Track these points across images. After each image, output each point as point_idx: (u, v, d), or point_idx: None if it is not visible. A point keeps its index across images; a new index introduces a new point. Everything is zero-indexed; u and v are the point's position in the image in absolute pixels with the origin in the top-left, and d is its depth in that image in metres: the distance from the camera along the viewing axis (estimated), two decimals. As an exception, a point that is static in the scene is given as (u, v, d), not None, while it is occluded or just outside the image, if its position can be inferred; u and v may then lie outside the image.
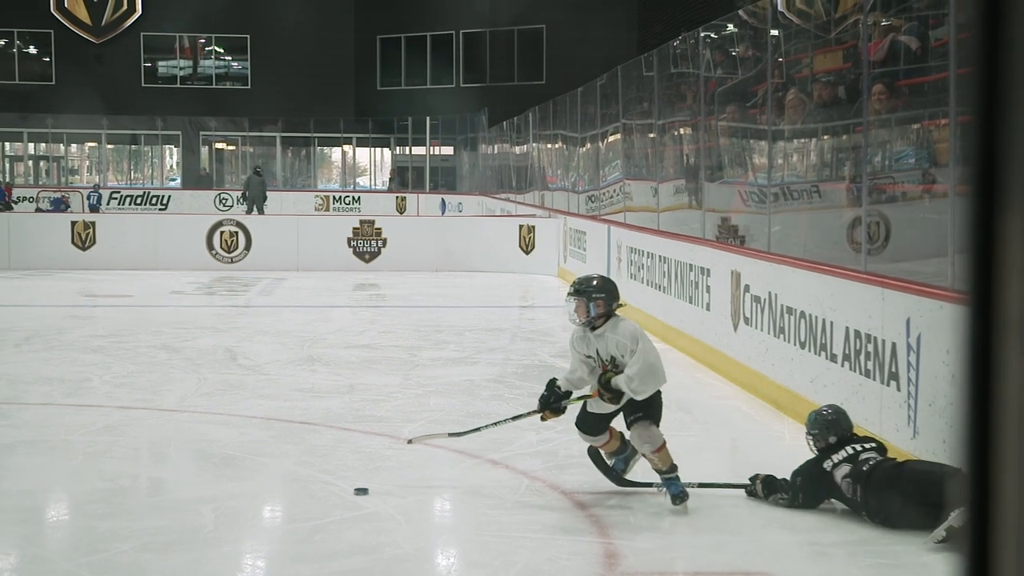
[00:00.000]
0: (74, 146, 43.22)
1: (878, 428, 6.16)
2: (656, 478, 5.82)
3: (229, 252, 18.94)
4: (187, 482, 6.18)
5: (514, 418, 6.05)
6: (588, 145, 18.01)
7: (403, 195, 37.11)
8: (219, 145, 43.62)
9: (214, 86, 41.89)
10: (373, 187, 42.82)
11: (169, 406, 8.14)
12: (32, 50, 41.04)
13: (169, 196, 37.18)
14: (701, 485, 5.86)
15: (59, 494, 5.95)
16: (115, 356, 10.21)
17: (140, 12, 40.42)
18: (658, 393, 5.64)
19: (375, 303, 15.37)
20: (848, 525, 5.28)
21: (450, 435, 6.15)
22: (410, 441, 6.22)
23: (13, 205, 28.50)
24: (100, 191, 31.03)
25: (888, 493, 5.11)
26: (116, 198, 35.50)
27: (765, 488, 5.66)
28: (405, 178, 41.15)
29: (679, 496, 5.48)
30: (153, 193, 37.17)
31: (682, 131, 12.58)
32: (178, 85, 41.70)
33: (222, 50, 42.43)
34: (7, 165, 42.46)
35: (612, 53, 26.09)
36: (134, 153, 44.67)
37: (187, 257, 18.64)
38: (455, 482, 6.22)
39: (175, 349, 10.65)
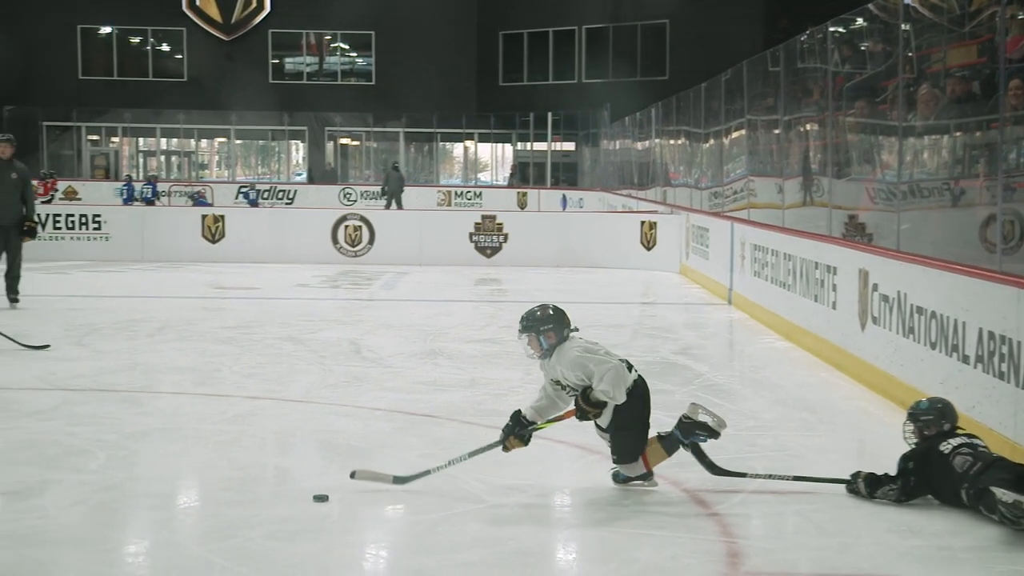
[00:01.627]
0: (204, 141, 44.21)
1: (1012, 432, 6.01)
2: (750, 468, 5.96)
3: (353, 246, 19.22)
4: (313, 472, 6.28)
5: (471, 454, 5.77)
6: (711, 141, 17.84)
7: (524, 190, 37.20)
8: (344, 141, 44.22)
9: (339, 82, 42.50)
10: (494, 182, 43.01)
11: (295, 397, 8.28)
12: (165, 48, 42.10)
13: (295, 191, 37.80)
14: (796, 478, 5.83)
15: (190, 481, 6.09)
16: (244, 347, 10.42)
17: (269, 9, 41.20)
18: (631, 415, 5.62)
19: (496, 298, 15.43)
20: (981, 530, 5.16)
21: (395, 479, 5.67)
22: (353, 475, 5.70)
23: (158, 199, 29.12)
24: (156, 184, 31.46)
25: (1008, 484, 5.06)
26: (244, 192, 36.18)
27: (869, 485, 5.60)
28: (526, 174, 41.26)
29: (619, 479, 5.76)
30: (280, 188, 37.83)
31: (808, 127, 12.39)
32: (304, 81, 42.40)
33: (347, 47, 43.02)
34: (141, 160, 43.60)
35: (737, 48, 25.84)
36: (262, 148, 45.52)
37: (312, 251, 18.95)
38: (577, 477, 6.23)
39: (301, 341, 10.83)
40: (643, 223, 18.87)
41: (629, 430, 5.64)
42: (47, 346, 9.68)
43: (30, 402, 7.85)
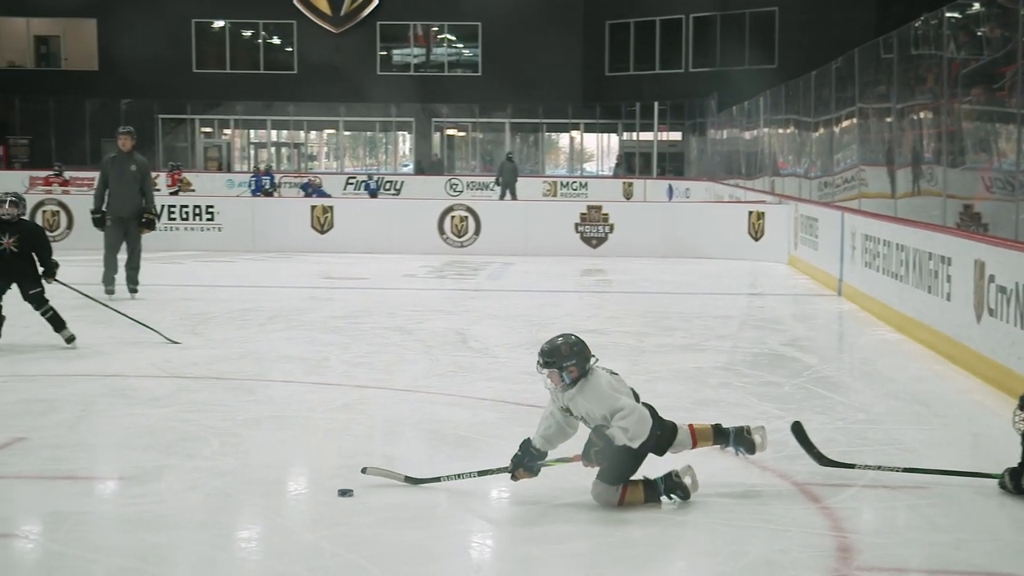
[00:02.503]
0: (313, 133, 44.80)
1: None
2: (858, 460, 5.89)
3: (459, 236, 19.32)
4: (421, 461, 6.31)
5: (480, 473, 5.60)
6: (821, 130, 17.57)
7: (630, 181, 37.04)
8: (450, 131, 44.47)
9: (446, 73, 42.73)
10: (600, 173, 42.90)
11: (403, 386, 8.35)
12: (276, 41, 42.73)
13: (402, 182, 38.10)
14: (905, 470, 5.74)
15: (301, 468, 6.18)
16: (352, 337, 10.54)
17: (377, 2, 41.58)
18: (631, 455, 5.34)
19: (602, 288, 15.39)
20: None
21: (406, 479, 5.64)
22: (364, 470, 5.66)
23: (275, 191, 29.49)
24: (273, 175, 31.69)
25: None
26: (352, 183, 36.60)
27: (1012, 478, 5.46)
28: (632, 164, 41.09)
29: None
30: (387, 179, 38.15)
31: (922, 115, 12.14)
32: (411, 73, 42.69)
33: (454, 38, 43.22)
34: (252, 152, 44.33)
35: (848, 35, 25.40)
36: (369, 140, 45.98)
37: (419, 241, 19.09)
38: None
39: (408, 331, 10.91)
40: (751, 213, 18.67)
41: (628, 453, 5.33)
42: (179, 342, 9.76)
43: (147, 389, 8.03)
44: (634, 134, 41.66)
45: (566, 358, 5.30)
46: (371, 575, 4.57)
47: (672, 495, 5.43)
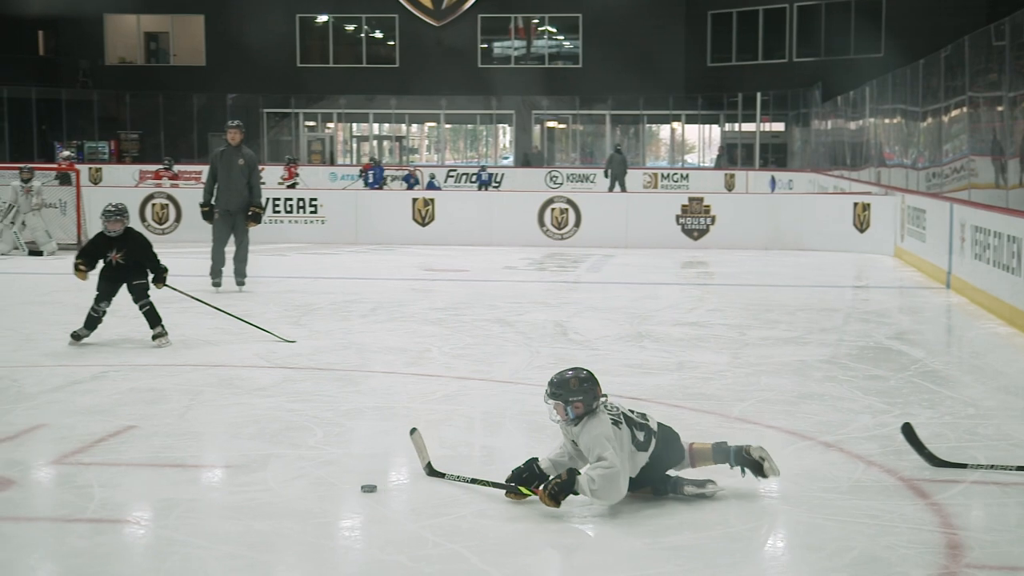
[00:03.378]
0: (415, 126, 45.11)
1: None
2: (971, 458, 5.79)
3: (559, 229, 19.32)
4: (520, 452, 6.31)
5: (483, 483, 5.46)
6: (930, 119, 17.23)
7: (732, 172, 36.70)
8: (550, 124, 44.46)
9: (546, 65, 42.71)
10: (701, 164, 42.57)
11: (503, 378, 8.38)
12: (378, 34, 43.10)
13: (503, 174, 38.20)
14: (1021, 468, 5.61)
15: (403, 459, 6.22)
16: (452, 328, 10.60)
17: (478, -6, 41.74)
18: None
19: (703, 281, 15.28)
20: None
21: (426, 467, 5.66)
22: (413, 431, 5.83)
23: (385, 184, 29.68)
24: (382, 168, 31.71)
25: None
26: (453, 176, 36.79)
27: None
28: (734, 155, 40.71)
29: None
30: (475, 171, 38.29)
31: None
32: (512, 65, 42.76)
33: (555, 30, 43.19)
34: (354, 145, 44.79)
35: (957, 23, 24.88)
36: (470, 132, 46.16)
37: (519, 233, 19.14)
38: (787, 462, 6.10)
39: (508, 323, 10.94)
40: (856, 204, 18.39)
41: (615, 481, 5.16)
42: (294, 341, 9.61)
43: (253, 379, 8.17)
44: (736, 125, 41.26)
45: (573, 392, 5.21)
46: (472, 565, 4.60)
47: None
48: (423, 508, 5.25)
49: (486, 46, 42.81)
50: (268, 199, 19.38)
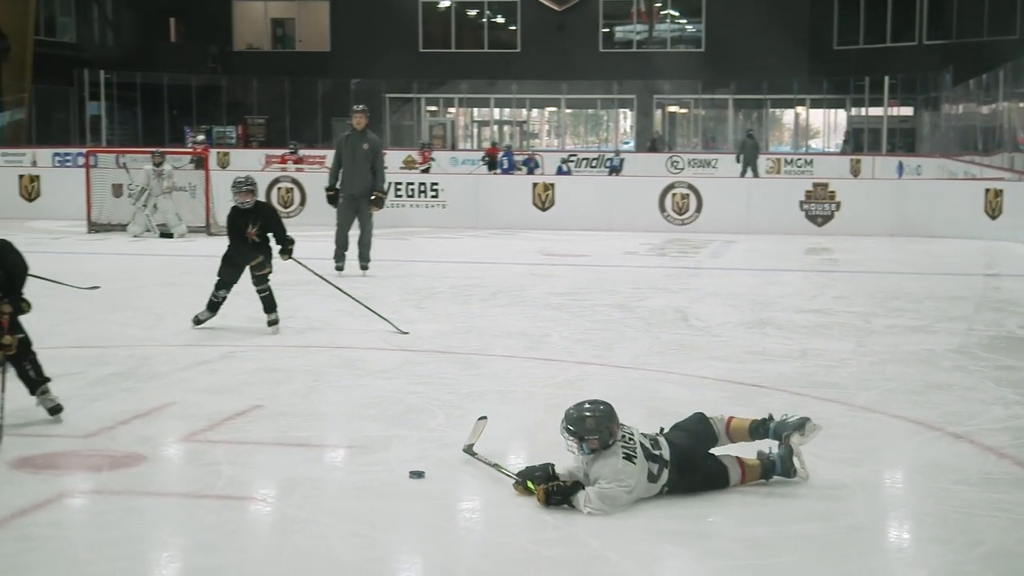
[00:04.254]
0: (535, 111, 45.11)
1: None
2: None
3: (680, 214, 19.18)
4: (641, 438, 6.31)
5: (502, 470, 5.39)
6: (1066, 103, 16.69)
7: (858, 157, 35.99)
8: (672, 108, 44.11)
9: (668, 49, 42.35)
10: (826, 150, 41.84)
11: (623, 363, 8.35)
12: (500, 19, 43.17)
13: (623, 159, 38.01)
14: None
15: (523, 442, 6.25)
16: (573, 313, 10.59)
17: (600, -21, 41.54)
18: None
19: (828, 267, 15.01)
20: None
21: (468, 446, 5.71)
22: (483, 418, 5.90)
23: (537, 168, 29.78)
24: (513, 153, 31.65)
25: None
26: (573, 160, 36.72)
27: None
28: (860, 140, 39.91)
29: None
30: (608, 156, 38.14)
31: None
32: (634, 49, 42.50)
33: (677, 13, 42.80)
34: (475, 130, 44.98)
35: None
36: (590, 117, 46.03)
37: (639, 219, 19.03)
38: (913, 453, 6.00)
39: (629, 308, 10.90)
40: (988, 191, 17.90)
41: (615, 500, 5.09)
42: (407, 332, 9.41)
43: (375, 362, 8.27)
44: (863, 109, 40.44)
45: (589, 432, 5.14)
46: (591, 549, 4.60)
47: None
48: (543, 492, 5.25)
49: (608, 30, 42.60)
50: (391, 183, 19.56)
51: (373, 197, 13.08)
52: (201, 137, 36.06)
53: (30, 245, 15.42)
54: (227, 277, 9.44)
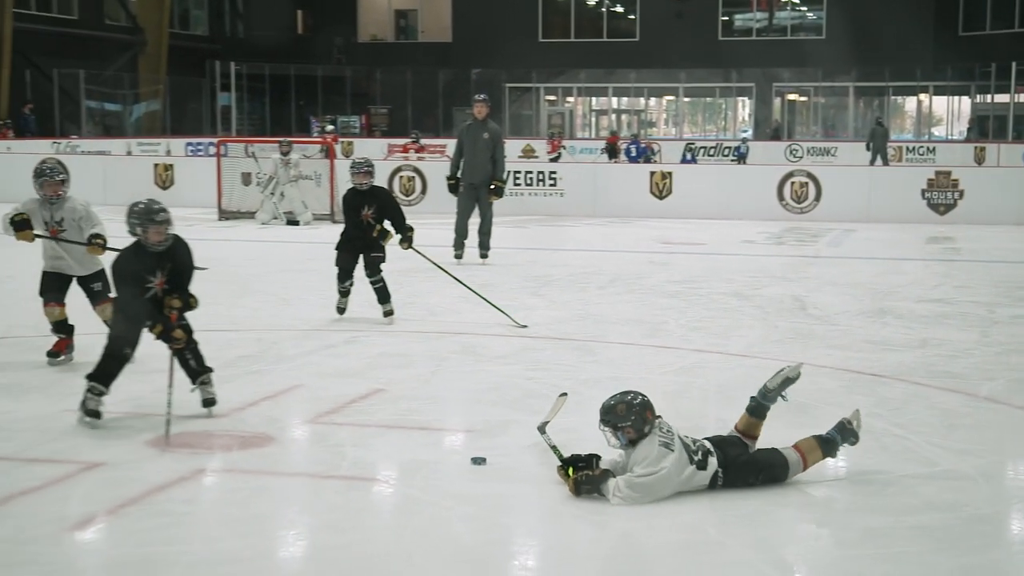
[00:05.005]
0: (653, 100, 44.79)
1: None
2: None
3: (799, 203, 18.91)
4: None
5: (556, 453, 5.24)
6: None
7: (982, 145, 35.01)
8: (791, 96, 43.43)
9: (788, 37, 41.69)
10: (949, 137, 40.81)
11: (739, 351, 8.27)
12: (619, 9, 42.94)
13: (748, 147, 37.57)
14: None
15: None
16: (689, 301, 10.52)
17: (720, -34, 41.03)
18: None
19: (949, 256, 14.66)
20: None
21: (543, 424, 5.45)
22: (563, 395, 5.66)
23: (653, 156, 29.63)
24: (641, 143, 31.41)
25: None
26: (691, 149, 36.41)
27: None
28: (985, 127, 38.83)
29: None
30: (726, 144, 37.72)
31: None
32: (753, 37, 41.93)
33: (797, 1, 42.09)
34: (593, 119, 44.83)
35: None
36: (708, 106, 45.55)
37: (758, 207, 18.82)
38: (1038, 446, 5.85)
39: (746, 297, 10.79)
40: (1117, 179, 17.31)
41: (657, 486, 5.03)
42: (526, 326, 9.15)
43: (494, 348, 8.32)
44: (988, 96, 39.32)
45: (621, 419, 5.09)
46: (709, 536, 4.59)
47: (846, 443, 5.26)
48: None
49: (727, 18, 42.07)
50: (510, 172, 19.62)
51: (493, 186, 13.10)
52: (331, 127, 36.60)
53: (164, 232, 15.74)
54: (345, 265, 9.38)
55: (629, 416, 5.08)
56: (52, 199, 7.38)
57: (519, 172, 20.15)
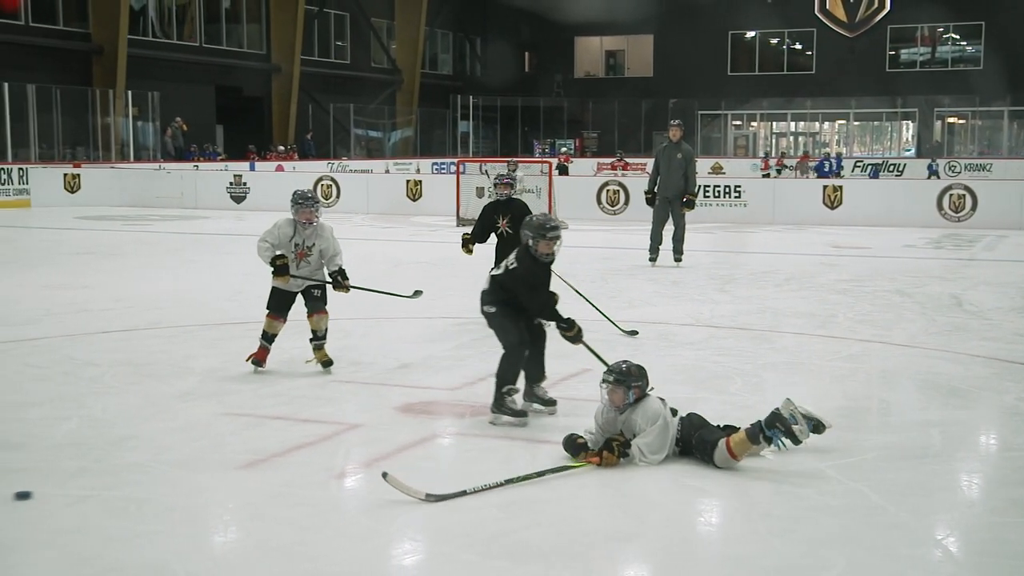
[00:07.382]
0: (826, 124, 43.43)
1: None
2: None
3: (956, 212, 18.04)
4: (915, 407, 5.99)
5: (506, 481, 4.59)
6: None
7: None
8: (950, 120, 41.38)
9: (949, 68, 39.73)
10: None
11: (900, 341, 7.94)
12: (797, 46, 41.77)
13: (904, 164, 36.04)
14: None
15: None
16: (856, 297, 10.16)
17: (888, 8, 39.42)
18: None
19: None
20: None
21: (427, 495, 4.41)
22: (384, 475, 4.44)
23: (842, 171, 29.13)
24: (838, 159, 30.41)
25: None
26: (859, 166, 35.21)
27: None
28: None
29: None
30: (891, 162, 36.25)
31: None
32: (917, 69, 40.14)
33: (958, 36, 40.06)
34: (773, 141, 43.80)
35: None
36: (875, 128, 43.84)
37: (918, 216, 18.07)
38: None
39: (907, 294, 10.34)
40: None
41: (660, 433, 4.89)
42: (635, 332, 8.25)
43: (684, 335, 8.21)
44: None
45: (635, 379, 4.97)
46: (872, 501, 4.40)
47: (775, 431, 4.80)
48: (830, 448, 5.05)
49: (894, 53, 40.35)
50: (700, 186, 19.32)
51: (685, 200, 12.90)
52: (565, 149, 37.05)
53: (412, 235, 16.28)
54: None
55: (642, 377, 5.04)
56: (305, 224, 6.81)
57: (708, 186, 19.83)
